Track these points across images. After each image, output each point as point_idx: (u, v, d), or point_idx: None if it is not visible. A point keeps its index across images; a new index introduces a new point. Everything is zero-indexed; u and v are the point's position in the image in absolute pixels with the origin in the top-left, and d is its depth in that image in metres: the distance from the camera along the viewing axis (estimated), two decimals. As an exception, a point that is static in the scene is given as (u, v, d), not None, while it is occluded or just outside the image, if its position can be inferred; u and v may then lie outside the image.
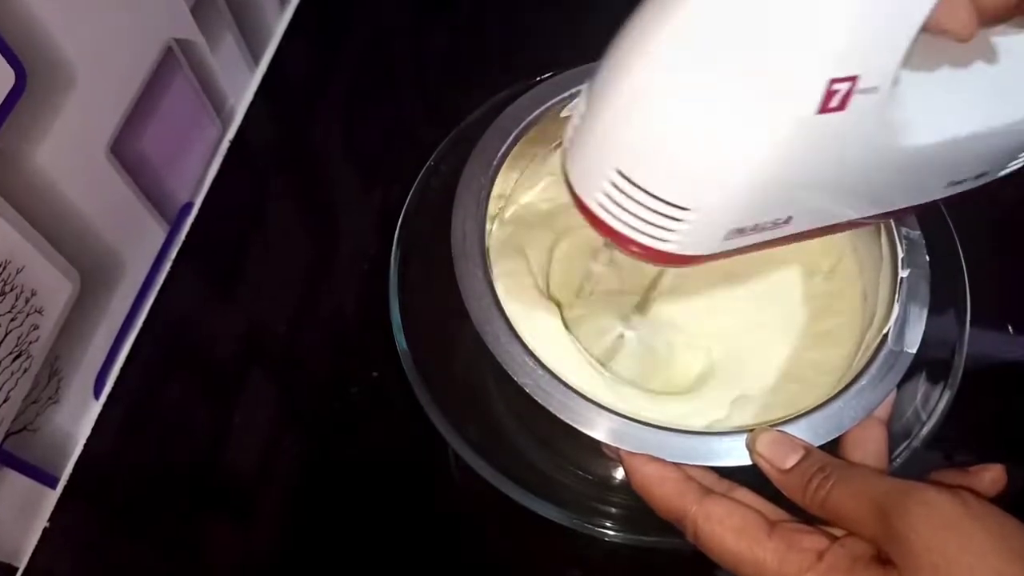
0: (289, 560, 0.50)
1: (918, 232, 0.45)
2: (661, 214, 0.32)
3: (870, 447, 0.40)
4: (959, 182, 0.37)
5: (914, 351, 0.42)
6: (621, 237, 0.34)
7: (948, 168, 0.36)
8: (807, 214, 0.35)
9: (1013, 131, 0.36)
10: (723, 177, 0.31)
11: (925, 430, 0.43)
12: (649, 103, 0.31)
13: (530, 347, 0.43)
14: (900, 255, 0.45)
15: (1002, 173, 0.38)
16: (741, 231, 0.33)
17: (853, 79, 0.28)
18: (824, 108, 0.28)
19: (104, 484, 0.49)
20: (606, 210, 0.33)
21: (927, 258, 0.45)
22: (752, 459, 0.39)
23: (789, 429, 0.40)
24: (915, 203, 0.38)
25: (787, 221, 0.34)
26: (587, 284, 0.50)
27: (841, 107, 0.28)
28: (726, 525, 0.36)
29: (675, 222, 0.32)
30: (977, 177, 0.38)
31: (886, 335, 0.43)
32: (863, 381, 0.42)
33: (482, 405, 0.51)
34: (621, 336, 0.50)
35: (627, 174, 0.32)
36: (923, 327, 0.43)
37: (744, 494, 0.39)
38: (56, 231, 0.45)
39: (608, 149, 0.32)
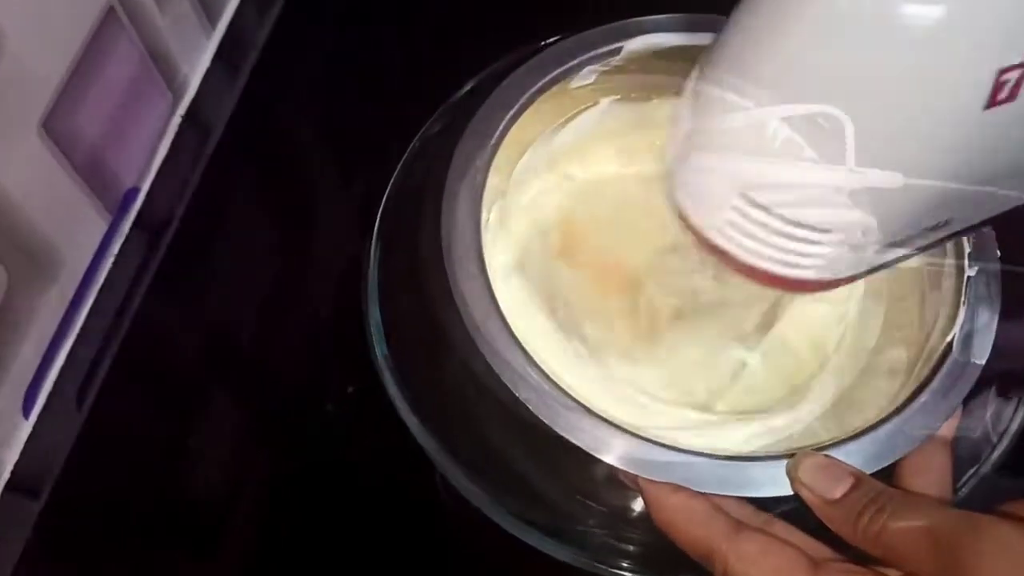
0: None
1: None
2: (800, 240, 0.30)
3: (933, 475, 0.38)
4: None
5: (983, 362, 0.39)
6: (748, 268, 0.32)
7: None
8: (967, 212, 0.33)
9: None
10: (874, 191, 0.29)
11: (996, 453, 0.40)
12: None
13: (534, 357, 0.40)
14: (967, 250, 0.42)
15: None
16: (894, 244, 0.32)
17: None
18: (993, 102, 0.27)
19: (38, 516, 0.45)
20: (729, 239, 0.32)
21: (999, 253, 0.42)
22: (793, 488, 0.36)
23: (837, 453, 0.37)
24: None
25: (946, 224, 0.32)
26: (688, 302, 0.48)
27: (1011, 98, 0.27)
28: (761, 566, 0.34)
29: (815, 246, 0.31)
30: None
31: (950, 343, 0.40)
32: (924, 397, 0.39)
33: (475, 424, 0.48)
34: (743, 363, 0.47)
35: (755, 198, 0.30)
36: (993, 334, 0.40)
37: (782, 528, 0.36)
38: (-22, 220, 0.40)
39: (730, 170, 0.30)
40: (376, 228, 0.47)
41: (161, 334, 0.51)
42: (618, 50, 0.46)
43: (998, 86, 0.26)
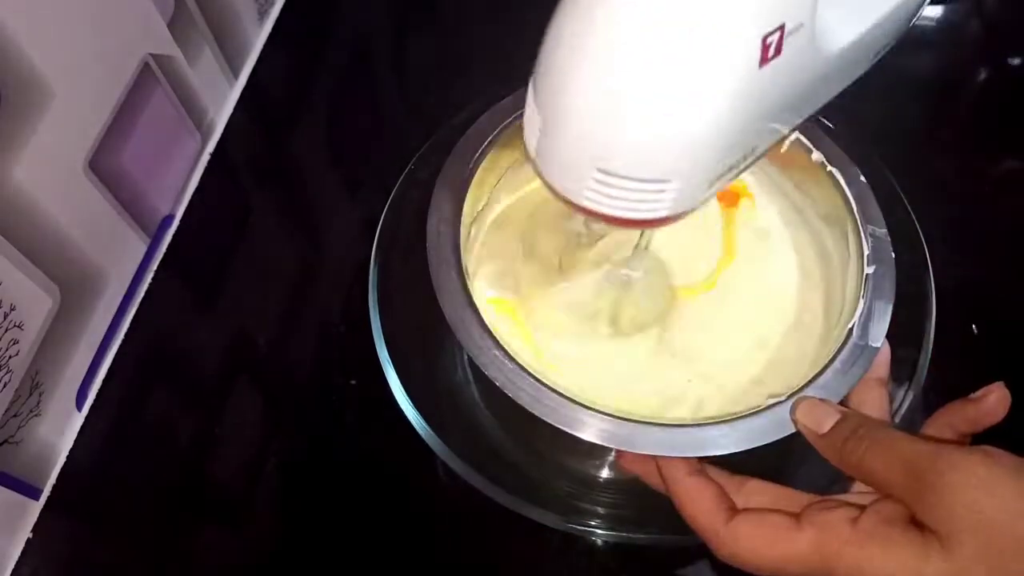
0: (278, 568, 0.51)
1: (884, 230, 0.46)
2: (649, 191, 0.34)
3: (873, 407, 0.42)
4: (879, 52, 0.39)
5: (878, 345, 0.43)
6: (617, 219, 0.36)
7: (871, 47, 0.38)
8: (767, 138, 0.37)
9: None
10: (694, 144, 0.33)
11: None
12: (612, 100, 0.32)
13: (503, 344, 0.44)
14: (866, 251, 0.46)
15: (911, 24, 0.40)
16: (720, 177, 0.36)
17: (781, 28, 0.31)
18: (764, 60, 0.31)
19: (88, 495, 0.50)
20: (596, 202, 0.35)
21: (893, 255, 0.46)
22: (795, 426, 0.40)
23: (755, 421, 0.41)
24: (848, 84, 0.40)
25: (753, 151, 0.37)
26: (572, 246, 0.52)
27: (778, 53, 0.31)
28: (756, 539, 0.37)
29: (662, 193, 0.34)
30: (892, 42, 0.40)
31: (851, 329, 0.44)
32: (828, 374, 0.43)
33: (465, 408, 0.52)
34: (628, 277, 0.51)
35: (608, 169, 0.34)
36: (888, 322, 0.44)
37: (756, 485, 0.41)
38: (35, 246, 0.46)
39: (582, 152, 0.34)
40: (376, 243, 0.50)
41: (189, 338, 0.56)
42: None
43: (765, 47, 0.30)
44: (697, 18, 0.30)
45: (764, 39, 0.30)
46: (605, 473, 0.51)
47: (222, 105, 0.63)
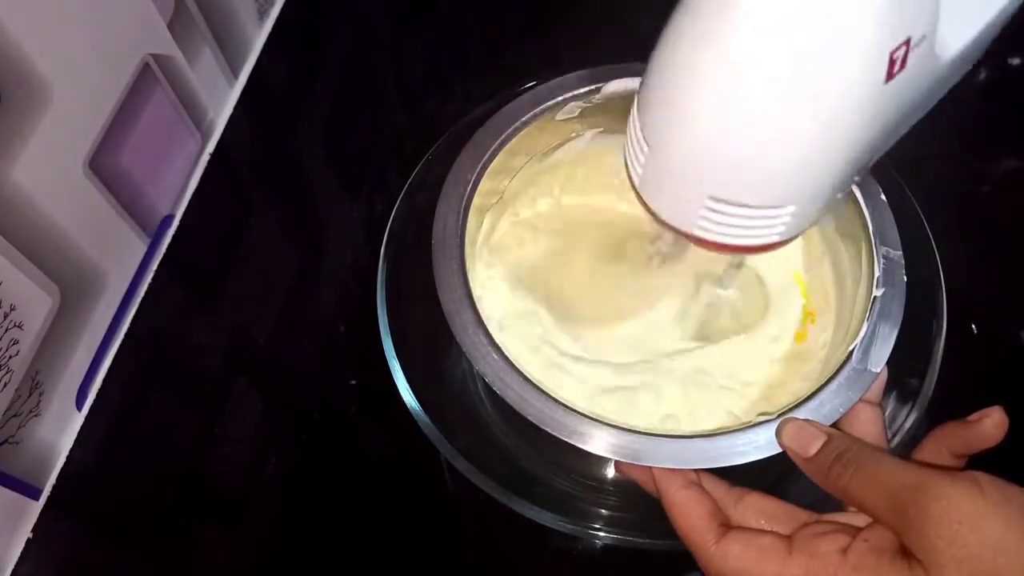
0: (278, 569, 0.51)
1: (899, 252, 0.46)
2: (765, 217, 0.33)
3: (868, 428, 0.41)
4: (975, 59, 0.38)
5: (878, 370, 0.42)
6: (729, 247, 0.35)
7: (973, 54, 0.37)
8: (879, 153, 0.36)
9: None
10: (816, 168, 0.32)
11: (891, 446, 0.43)
12: (731, 123, 0.31)
13: (497, 341, 0.44)
14: (876, 274, 0.45)
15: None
16: (834, 197, 0.35)
17: (907, 42, 0.30)
18: (890, 76, 0.30)
19: (88, 495, 0.50)
20: (708, 231, 0.35)
21: (905, 279, 0.45)
22: (781, 447, 0.40)
23: (745, 437, 0.41)
24: (944, 94, 0.39)
25: (866, 166, 0.36)
26: (657, 259, 0.52)
27: (903, 67, 0.30)
28: (746, 561, 0.37)
29: (778, 219, 0.34)
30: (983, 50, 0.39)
31: (851, 352, 0.43)
32: (821, 396, 0.42)
33: (470, 407, 0.52)
34: (717, 296, 0.51)
35: (723, 197, 0.33)
36: (891, 347, 0.43)
37: (756, 498, 0.40)
38: (34, 246, 0.45)
39: (696, 180, 0.33)
40: (385, 240, 0.50)
41: (189, 338, 0.56)
42: (598, 90, 0.50)
43: (892, 62, 0.30)
44: (824, 37, 0.29)
45: (891, 54, 0.30)
46: (610, 475, 0.51)
47: (222, 105, 0.63)
